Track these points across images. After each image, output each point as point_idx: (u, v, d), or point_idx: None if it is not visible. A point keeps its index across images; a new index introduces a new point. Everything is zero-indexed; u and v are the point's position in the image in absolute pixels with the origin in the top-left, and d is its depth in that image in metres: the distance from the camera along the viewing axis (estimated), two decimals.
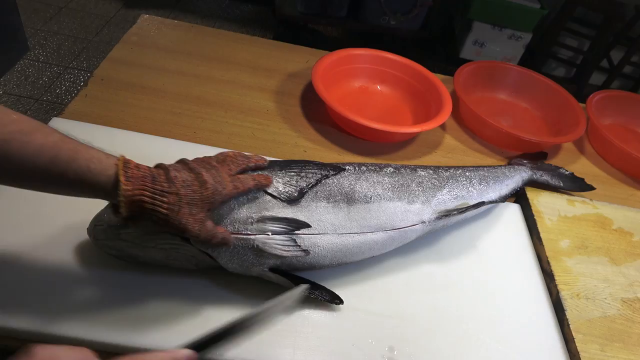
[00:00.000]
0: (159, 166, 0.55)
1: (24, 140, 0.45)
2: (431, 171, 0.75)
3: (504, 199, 0.82)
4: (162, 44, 1.08)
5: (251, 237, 0.58)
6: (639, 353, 0.67)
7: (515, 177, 0.85)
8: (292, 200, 0.61)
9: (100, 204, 0.61)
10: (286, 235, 0.60)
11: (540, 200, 0.86)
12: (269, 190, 0.61)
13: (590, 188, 0.93)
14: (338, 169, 0.68)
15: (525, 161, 0.95)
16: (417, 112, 1.05)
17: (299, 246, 0.60)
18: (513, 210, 0.85)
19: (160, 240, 0.57)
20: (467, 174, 0.78)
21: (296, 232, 0.60)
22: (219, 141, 0.88)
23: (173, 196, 0.51)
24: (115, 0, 2.62)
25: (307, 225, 0.60)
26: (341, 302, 0.63)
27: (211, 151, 0.81)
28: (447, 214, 0.71)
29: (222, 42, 1.13)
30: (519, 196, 0.89)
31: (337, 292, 0.64)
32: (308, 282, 0.63)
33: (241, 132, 0.91)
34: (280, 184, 0.62)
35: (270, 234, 0.59)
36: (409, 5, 2.38)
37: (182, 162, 0.58)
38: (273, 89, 1.04)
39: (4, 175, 0.48)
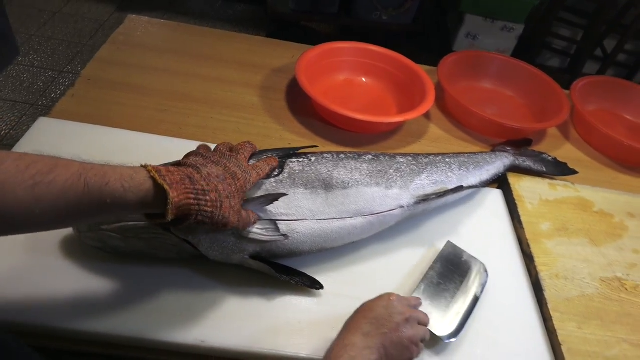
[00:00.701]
0: (183, 164, 0.55)
1: (47, 180, 0.43)
2: (410, 158, 0.76)
3: (484, 184, 0.83)
4: (149, 44, 1.09)
5: None
6: (616, 330, 0.68)
7: (497, 163, 0.87)
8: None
9: None
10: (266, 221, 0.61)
11: (522, 185, 0.87)
12: None
13: (573, 172, 0.94)
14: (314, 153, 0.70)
15: (508, 148, 0.97)
16: (402, 103, 1.06)
17: (278, 230, 0.61)
18: (495, 196, 0.86)
19: (141, 230, 0.59)
20: (446, 160, 0.80)
21: (275, 219, 0.62)
22: (204, 136, 0.89)
23: (214, 193, 0.52)
24: (109, 4, 2.63)
25: (284, 195, 0.62)
26: (321, 287, 0.65)
27: (197, 146, 0.83)
28: (426, 198, 0.72)
29: (208, 40, 1.15)
30: (501, 182, 0.90)
31: (318, 279, 0.66)
32: (288, 269, 0.65)
33: (226, 127, 0.93)
34: None
35: None
36: None
37: (200, 155, 0.58)
38: (258, 84, 1.05)
39: (40, 222, 0.45)
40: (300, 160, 0.68)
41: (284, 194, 0.62)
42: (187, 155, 0.59)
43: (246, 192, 0.58)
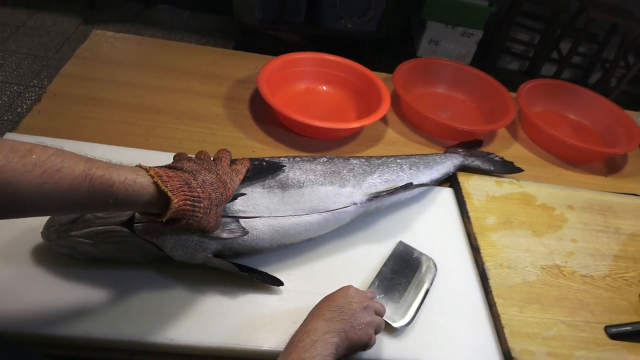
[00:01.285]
0: (179, 169, 0.58)
1: (53, 180, 0.45)
2: (363, 160, 0.82)
3: (435, 182, 0.89)
4: (114, 58, 1.12)
5: None
6: (554, 312, 0.75)
7: (447, 163, 0.93)
8: None
9: None
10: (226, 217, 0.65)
11: (471, 183, 0.93)
12: None
13: (519, 170, 1.01)
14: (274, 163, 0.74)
15: (460, 149, 1.03)
16: (360, 110, 1.12)
17: (238, 226, 0.65)
18: (446, 194, 0.92)
19: (109, 234, 0.62)
20: (398, 160, 0.85)
21: (234, 216, 0.66)
22: (170, 147, 0.93)
23: (206, 200, 0.57)
24: (75, 16, 2.63)
25: (243, 194, 0.67)
26: (281, 283, 0.69)
27: (163, 156, 0.87)
28: (377, 195, 0.77)
29: (173, 52, 1.18)
30: (452, 181, 0.96)
31: (278, 276, 0.70)
32: (250, 268, 0.69)
33: (192, 137, 0.97)
34: None
35: None
36: (363, 7, 2.47)
37: (192, 161, 0.61)
38: (223, 95, 1.09)
39: (43, 213, 0.49)
40: (257, 163, 0.72)
41: (243, 194, 0.67)
42: (179, 160, 0.61)
43: (228, 200, 0.62)
